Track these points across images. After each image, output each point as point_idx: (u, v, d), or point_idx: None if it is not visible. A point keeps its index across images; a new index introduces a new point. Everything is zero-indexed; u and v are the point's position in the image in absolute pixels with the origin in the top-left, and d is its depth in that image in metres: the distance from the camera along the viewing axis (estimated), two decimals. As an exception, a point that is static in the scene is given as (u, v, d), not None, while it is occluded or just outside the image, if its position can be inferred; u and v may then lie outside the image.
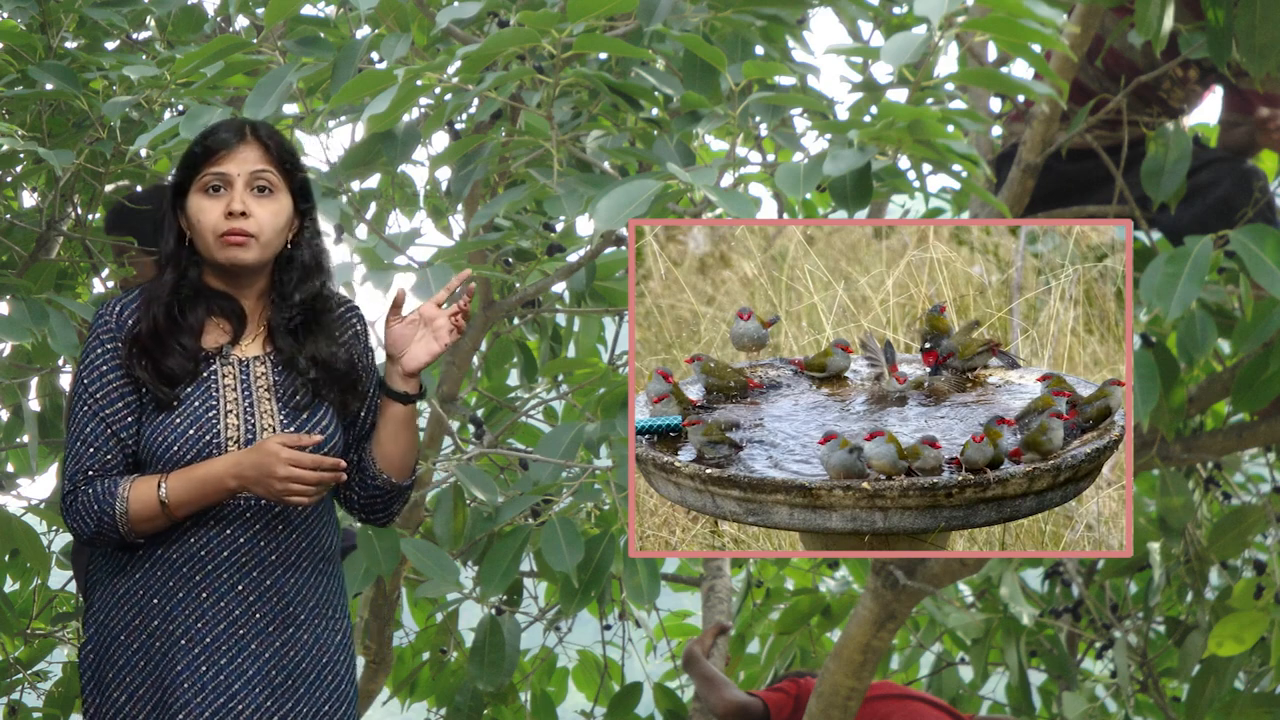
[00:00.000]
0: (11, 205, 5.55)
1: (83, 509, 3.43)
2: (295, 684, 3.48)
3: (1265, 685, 6.07)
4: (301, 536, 3.51)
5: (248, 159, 3.48)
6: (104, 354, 3.47)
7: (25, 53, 4.79)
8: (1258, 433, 4.97)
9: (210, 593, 3.46)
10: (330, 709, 3.53)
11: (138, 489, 3.42)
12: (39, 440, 5.66)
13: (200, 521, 3.45)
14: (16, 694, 6.25)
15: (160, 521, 3.42)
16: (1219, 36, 4.43)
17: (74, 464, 3.45)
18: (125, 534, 3.42)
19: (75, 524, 3.44)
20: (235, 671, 3.45)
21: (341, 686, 3.55)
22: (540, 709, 6.64)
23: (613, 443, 4.81)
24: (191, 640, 3.45)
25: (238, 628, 3.46)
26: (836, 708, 5.00)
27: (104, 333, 3.48)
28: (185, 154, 3.52)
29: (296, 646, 3.49)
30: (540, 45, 3.81)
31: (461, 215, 5.64)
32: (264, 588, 3.47)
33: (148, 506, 3.41)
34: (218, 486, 3.41)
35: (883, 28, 4.79)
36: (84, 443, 3.45)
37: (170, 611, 3.45)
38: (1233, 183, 4.79)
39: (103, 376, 3.46)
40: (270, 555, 3.48)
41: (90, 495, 3.43)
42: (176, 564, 3.46)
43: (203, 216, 3.46)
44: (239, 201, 3.45)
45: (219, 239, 3.46)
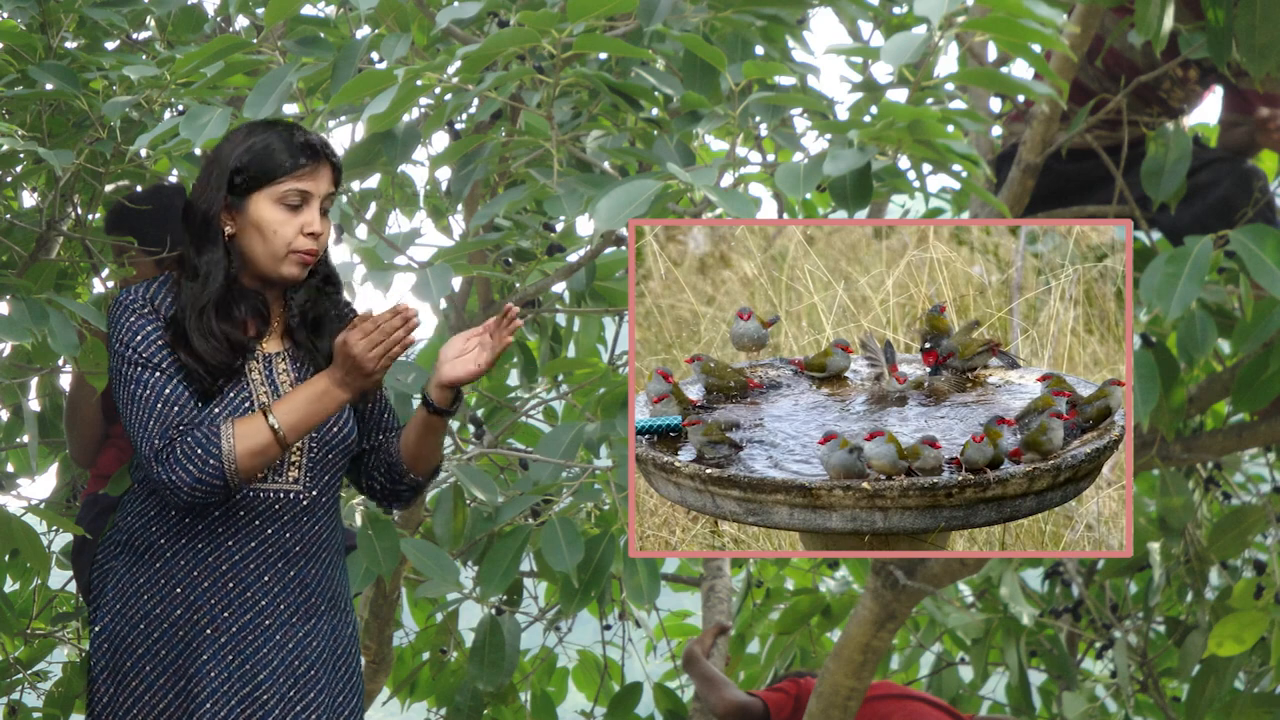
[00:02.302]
0: (11, 205, 5.55)
1: (184, 458, 3.42)
2: (317, 674, 3.53)
3: (1265, 685, 6.07)
4: (323, 528, 3.57)
5: (324, 179, 3.55)
6: (153, 331, 3.49)
7: (25, 53, 4.79)
8: (1258, 433, 4.97)
9: (237, 583, 3.49)
10: (344, 699, 3.58)
11: (242, 427, 3.44)
12: (39, 440, 5.66)
13: (230, 513, 3.50)
14: (16, 694, 6.26)
15: (271, 454, 3.44)
16: (1219, 36, 4.43)
17: (160, 422, 3.44)
18: (231, 477, 3.43)
19: (175, 475, 3.42)
20: (261, 661, 3.48)
21: (353, 679, 3.61)
22: (540, 709, 6.64)
23: (613, 443, 4.82)
24: (217, 629, 3.48)
25: (263, 617, 3.50)
26: (836, 708, 5.00)
27: (144, 312, 3.51)
28: (254, 156, 3.52)
29: (317, 636, 3.54)
30: (540, 45, 3.81)
31: (461, 215, 5.64)
32: (288, 579, 3.52)
33: (257, 439, 3.43)
34: (328, 399, 3.46)
35: (883, 28, 4.79)
36: (166, 403, 3.45)
37: (195, 601, 3.48)
38: (1233, 183, 4.79)
39: (161, 349, 3.48)
40: (294, 546, 3.53)
41: (190, 443, 3.43)
42: (202, 554, 3.49)
43: (280, 229, 3.50)
44: (317, 223, 3.52)
45: (291, 254, 3.51)
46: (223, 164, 3.53)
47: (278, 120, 3.67)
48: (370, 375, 3.44)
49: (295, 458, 3.55)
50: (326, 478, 3.59)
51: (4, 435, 6.16)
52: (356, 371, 3.44)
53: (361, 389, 3.48)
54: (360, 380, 3.45)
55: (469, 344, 3.58)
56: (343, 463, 3.62)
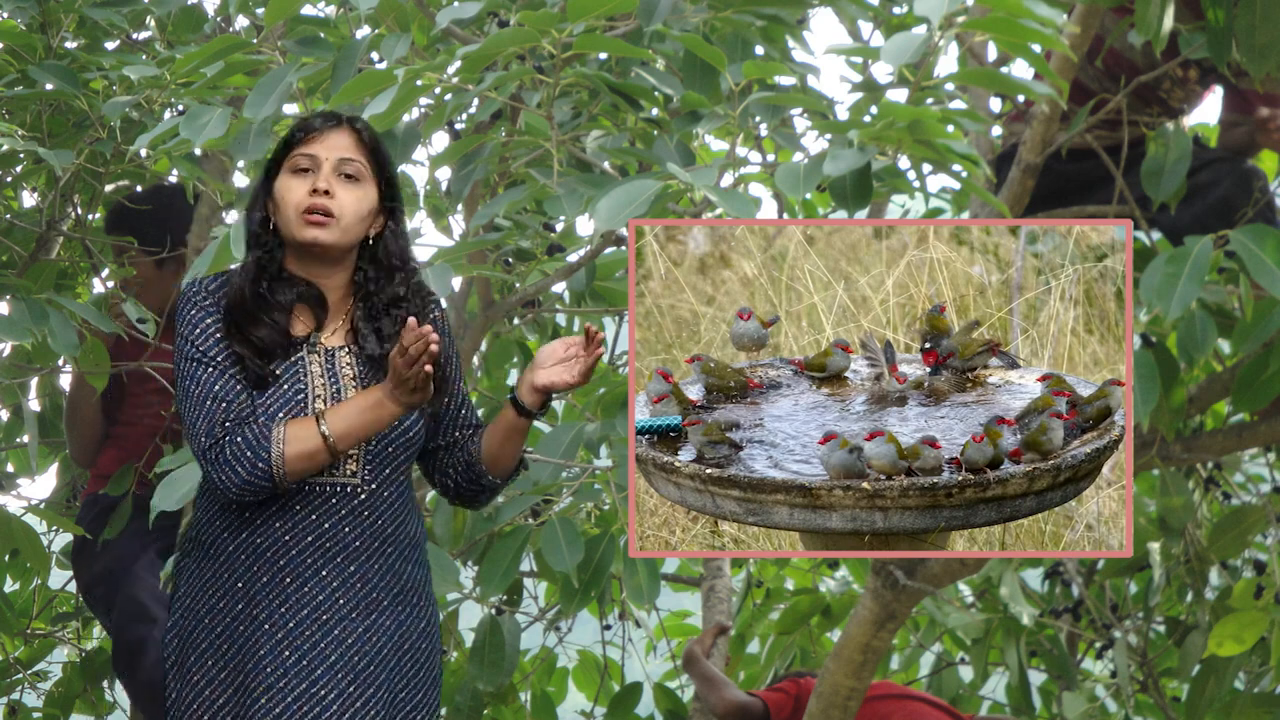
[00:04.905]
0: (11, 205, 5.55)
1: (233, 458, 3.42)
2: (376, 670, 3.50)
3: (1265, 685, 6.07)
4: (387, 522, 3.54)
5: (337, 145, 3.54)
6: (212, 324, 3.50)
7: (25, 53, 4.79)
8: (1258, 433, 4.97)
9: (294, 578, 3.48)
10: (407, 695, 3.54)
11: (293, 430, 3.43)
12: (39, 440, 5.66)
13: (286, 507, 3.48)
14: (16, 694, 6.26)
15: (320, 460, 3.44)
16: (1219, 36, 4.43)
17: (208, 420, 3.44)
18: (279, 479, 3.42)
19: (224, 475, 3.42)
20: (318, 656, 3.46)
21: (420, 674, 3.57)
22: (540, 709, 6.63)
23: (613, 443, 4.81)
24: (275, 624, 3.46)
25: (321, 613, 3.47)
26: (836, 708, 5.00)
27: (204, 304, 3.52)
28: (281, 140, 3.57)
29: (379, 632, 3.51)
30: (540, 45, 3.81)
31: (461, 215, 5.64)
32: (348, 573, 3.49)
33: (307, 444, 3.43)
34: (381, 411, 3.45)
35: (883, 28, 4.79)
36: (216, 399, 3.45)
37: (254, 596, 3.47)
38: (1233, 183, 4.79)
39: (218, 342, 3.48)
40: (354, 541, 3.50)
41: (240, 443, 3.42)
42: (261, 549, 3.48)
43: (288, 195, 3.51)
44: (324, 181, 3.50)
45: (300, 215, 3.50)
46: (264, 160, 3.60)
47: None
48: (414, 393, 3.43)
49: (353, 450, 3.51)
50: (387, 471, 3.54)
51: (4, 435, 6.16)
52: (402, 387, 3.43)
53: (410, 405, 3.45)
54: (406, 396, 3.44)
55: (569, 351, 3.56)
56: (404, 456, 3.57)
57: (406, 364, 3.40)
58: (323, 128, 3.54)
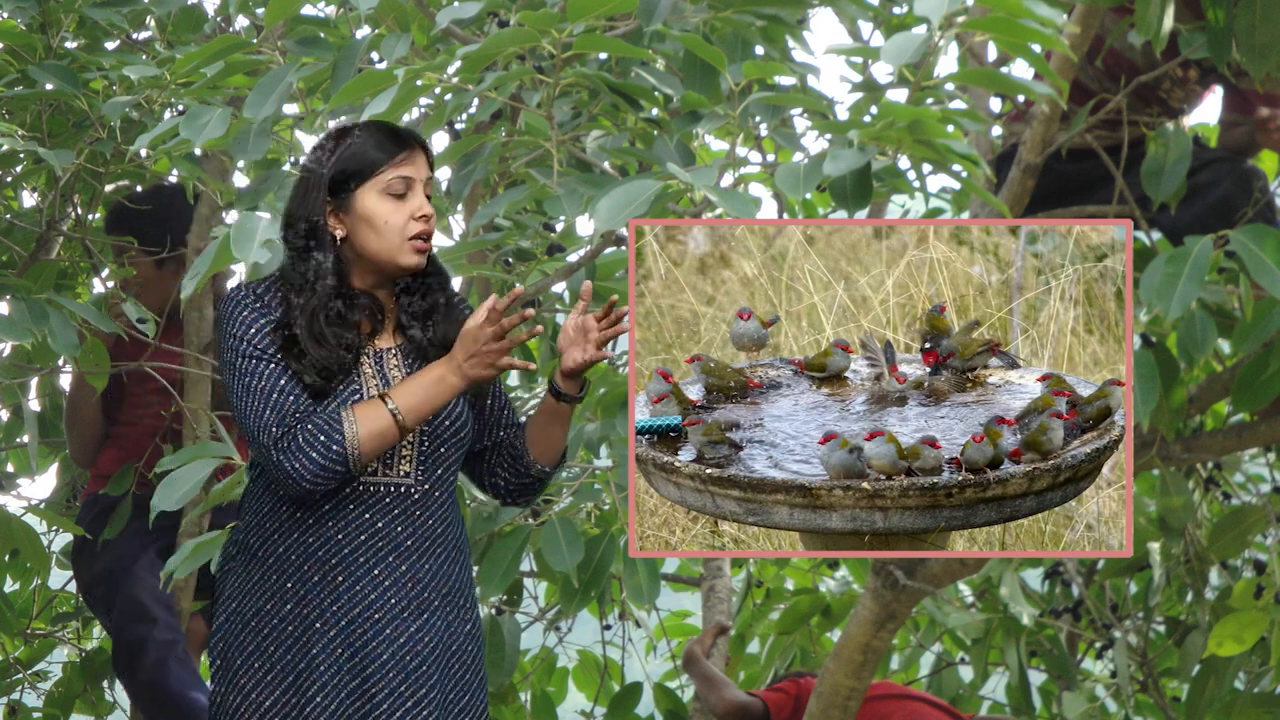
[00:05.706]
0: (11, 205, 5.56)
1: (306, 444, 3.42)
2: (429, 670, 3.50)
3: (1265, 685, 6.07)
4: (437, 522, 3.54)
5: (421, 164, 3.55)
6: (266, 324, 3.49)
7: (25, 53, 4.79)
8: (1258, 433, 4.97)
9: (347, 576, 3.48)
10: (455, 697, 3.54)
11: (362, 411, 3.44)
12: (39, 440, 5.66)
13: (338, 507, 3.48)
14: (16, 694, 6.26)
15: (390, 438, 3.45)
16: (1219, 36, 4.43)
17: (277, 411, 3.44)
18: (354, 462, 3.42)
19: (297, 462, 3.42)
20: (370, 655, 3.46)
21: (466, 677, 3.56)
22: (540, 709, 6.64)
23: (613, 443, 4.81)
24: (327, 624, 3.47)
25: (373, 611, 3.47)
26: (836, 708, 5.00)
27: (256, 307, 3.51)
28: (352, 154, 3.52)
29: (430, 632, 3.51)
30: (540, 45, 3.81)
31: (461, 215, 5.64)
32: (399, 573, 3.50)
33: (378, 423, 3.43)
34: (444, 386, 3.46)
35: (883, 28, 4.79)
36: (281, 393, 3.45)
37: (305, 596, 3.48)
38: (1233, 183, 4.79)
39: (274, 343, 3.48)
40: (406, 540, 3.51)
41: (313, 429, 3.42)
42: (312, 549, 3.48)
43: (391, 218, 3.50)
44: (427, 206, 3.53)
45: (407, 242, 3.51)
46: (317, 171, 3.52)
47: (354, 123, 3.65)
48: (489, 363, 3.45)
49: (406, 450, 3.52)
50: (439, 471, 3.55)
51: (4, 435, 6.16)
52: (479, 358, 3.45)
53: (478, 379, 3.47)
54: (479, 370, 3.45)
55: (584, 324, 3.55)
56: (455, 456, 3.58)
57: (496, 334, 3.43)
58: (407, 149, 3.54)
